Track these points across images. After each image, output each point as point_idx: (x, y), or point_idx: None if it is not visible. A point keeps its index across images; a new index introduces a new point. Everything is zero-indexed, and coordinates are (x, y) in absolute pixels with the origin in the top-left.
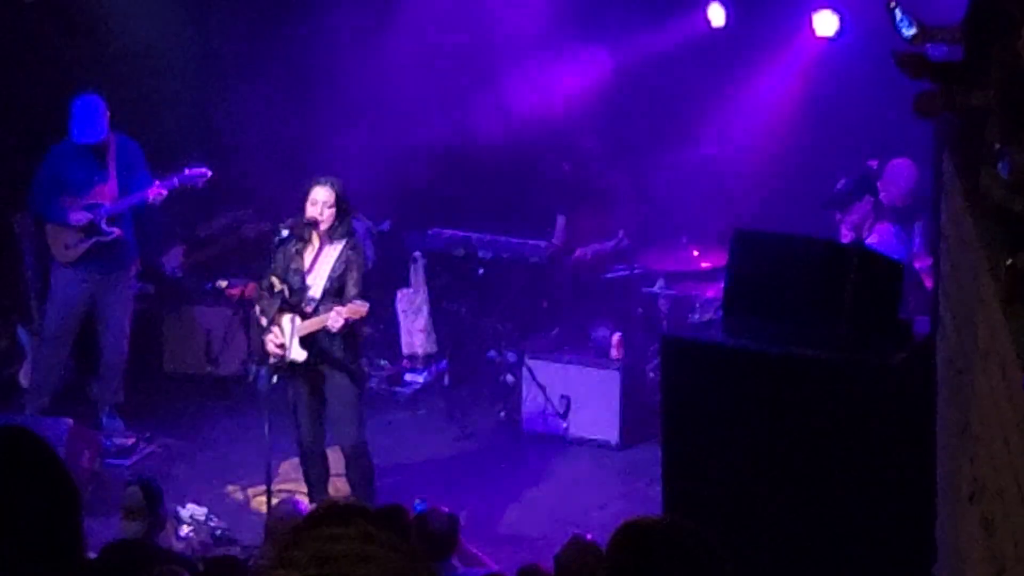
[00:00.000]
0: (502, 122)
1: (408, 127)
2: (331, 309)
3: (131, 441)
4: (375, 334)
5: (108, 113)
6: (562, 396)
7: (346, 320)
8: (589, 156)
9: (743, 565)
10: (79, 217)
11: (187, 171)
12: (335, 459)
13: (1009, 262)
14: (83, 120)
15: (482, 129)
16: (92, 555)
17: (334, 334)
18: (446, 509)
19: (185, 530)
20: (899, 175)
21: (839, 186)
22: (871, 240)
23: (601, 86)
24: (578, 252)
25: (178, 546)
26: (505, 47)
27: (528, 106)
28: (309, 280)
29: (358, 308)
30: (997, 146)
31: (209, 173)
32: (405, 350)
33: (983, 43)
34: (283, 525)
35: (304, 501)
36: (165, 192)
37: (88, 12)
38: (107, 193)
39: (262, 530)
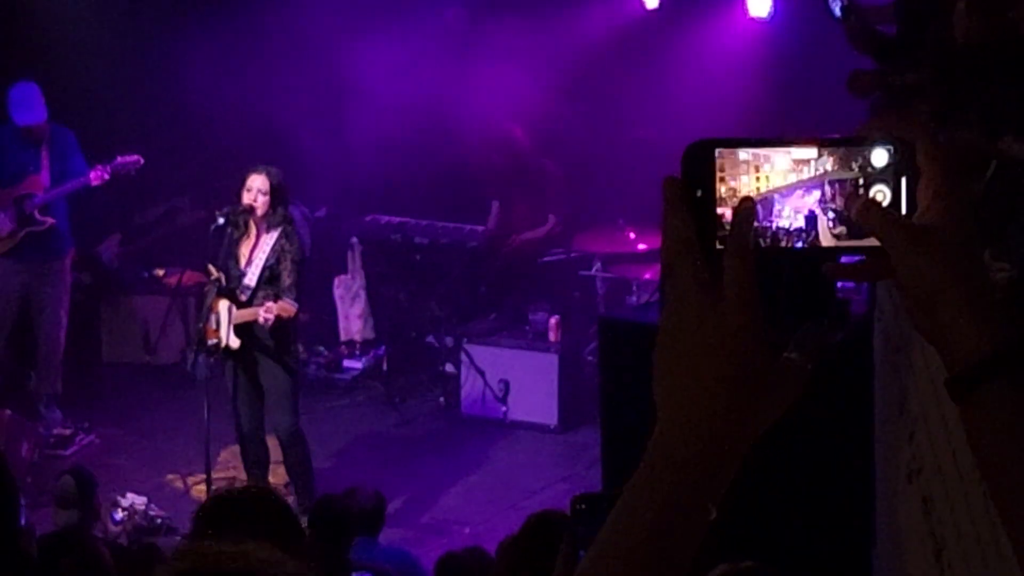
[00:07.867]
0: (436, 109)
1: (344, 116)
2: (265, 298)
3: (69, 431)
4: (313, 320)
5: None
6: (500, 380)
7: (276, 315)
8: (520, 142)
9: None
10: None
11: (119, 159)
12: (275, 446)
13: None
14: (22, 103)
15: (418, 117)
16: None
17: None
18: (372, 488)
19: (120, 514)
20: None
21: None
22: None
23: (536, 71)
24: (513, 237)
25: (114, 530)
26: (435, 33)
27: (462, 93)
28: (245, 268)
29: (288, 307)
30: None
31: (141, 160)
32: (343, 336)
33: (916, 22)
34: None
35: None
36: (108, 176)
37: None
38: (39, 183)
39: None
